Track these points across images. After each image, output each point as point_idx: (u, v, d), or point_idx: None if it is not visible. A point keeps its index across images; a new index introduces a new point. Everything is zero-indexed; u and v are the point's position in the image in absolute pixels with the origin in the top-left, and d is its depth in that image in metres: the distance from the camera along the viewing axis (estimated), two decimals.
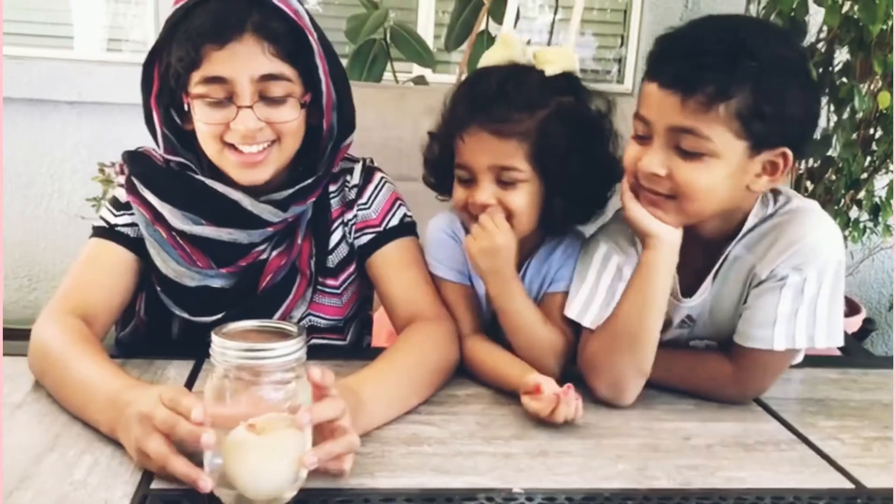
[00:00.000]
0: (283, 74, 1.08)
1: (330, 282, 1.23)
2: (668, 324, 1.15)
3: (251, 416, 0.76)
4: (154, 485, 0.81)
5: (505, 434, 0.98)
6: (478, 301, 1.22)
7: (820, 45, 2.52)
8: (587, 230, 1.23)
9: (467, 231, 1.16)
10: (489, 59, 1.17)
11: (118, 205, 1.17)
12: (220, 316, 1.15)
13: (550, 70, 1.12)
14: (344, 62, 2.52)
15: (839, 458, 0.97)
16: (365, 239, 1.22)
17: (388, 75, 2.57)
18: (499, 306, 1.14)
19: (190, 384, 1.07)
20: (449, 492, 0.84)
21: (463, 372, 1.14)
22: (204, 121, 1.08)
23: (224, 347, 0.76)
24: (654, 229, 1.04)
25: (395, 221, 1.23)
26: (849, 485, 0.91)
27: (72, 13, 3.25)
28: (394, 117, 1.83)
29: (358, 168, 1.23)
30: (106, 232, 1.15)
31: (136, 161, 1.17)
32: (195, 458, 0.78)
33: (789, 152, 1.01)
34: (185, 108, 1.09)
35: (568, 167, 1.10)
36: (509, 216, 1.11)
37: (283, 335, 0.79)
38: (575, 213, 1.16)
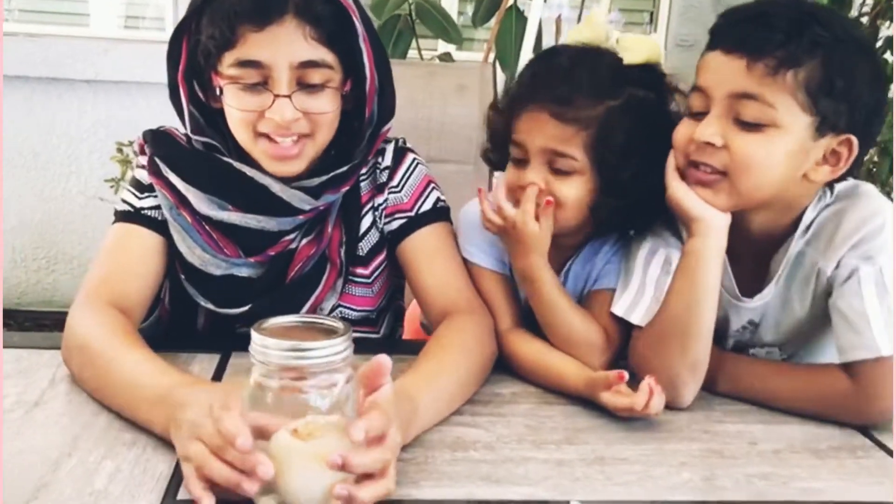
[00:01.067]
0: (324, 61, 1.01)
1: (360, 270, 1.15)
2: (727, 328, 1.08)
3: (295, 417, 0.70)
4: (180, 495, 0.74)
5: (556, 438, 0.90)
6: (516, 292, 1.14)
7: (864, 19, 2.41)
8: None
9: None
10: (573, 37, 1.09)
11: (141, 187, 1.10)
12: (246, 308, 1.08)
13: (630, 58, 1.04)
14: None
15: None
16: (395, 224, 1.14)
17: (412, 53, 2.49)
18: (529, 294, 1.08)
19: (217, 378, 1.00)
20: None
21: (502, 367, 1.07)
22: (236, 106, 1.01)
23: (265, 346, 0.69)
24: (700, 212, 0.96)
25: (427, 206, 1.15)
26: None
27: None
28: (422, 97, 1.76)
29: (390, 149, 1.15)
30: (131, 216, 1.08)
31: (158, 141, 1.10)
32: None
33: (854, 140, 0.93)
34: (216, 90, 1.02)
35: (627, 167, 1.01)
36: (555, 205, 1.03)
37: (328, 332, 0.72)
38: (627, 218, 1.07)
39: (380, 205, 1.14)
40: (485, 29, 2.57)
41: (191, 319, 1.15)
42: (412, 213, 1.14)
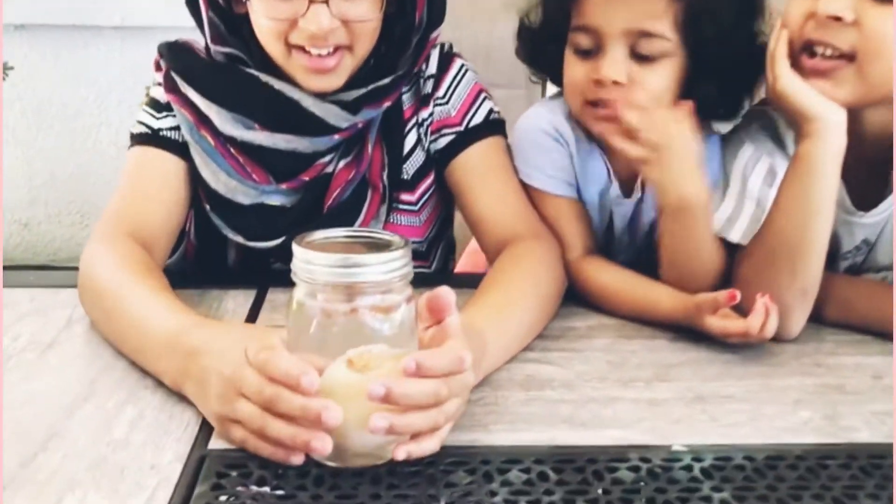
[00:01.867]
0: None
1: (406, 196, 1.02)
2: (838, 248, 0.93)
3: (347, 348, 0.58)
4: (212, 444, 0.63)
5: (645, 375, 0.78)
6: (588, 215, 1.00)
7: None
8: None
9: (582, 130, 0.94)
10: None
11: (158, 106, 0.98)
12: (279, 241, 0.96)
13: None
14: None
15: None
16: (443, 142, 1.00)
17: None
18: (673, 227, 0.88)
19: (254, 315, 0.89)
20: (590, 450, 0.64)
21: (572, 298, 0.94)
22: (266, 15, 0.88)
23: (309, 261, 0.58)
24: (817, 108, 0.80)
25: (478, 119, 1.00)
26: None
27: None
28: (466, 14, 1.62)
29: (435, 54, 1.01)
30: (149, 138, 0.97)
31: (175, 54, 0.98)
32: None
33: None
34: None
35: (727, 40, 0.86)
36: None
37: (383, 247, 0.60)
38: (724, 102, 0.92)
39: (424, 120, 1.00)
40: None
41: (220, 255, 1.03)
42: (461, 128, 1.00)
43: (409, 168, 1.02)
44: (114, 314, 0.79)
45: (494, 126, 1.01)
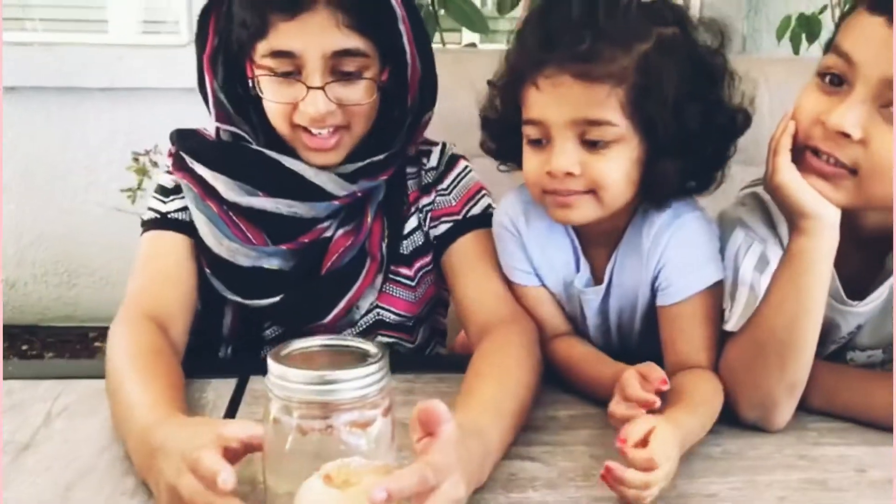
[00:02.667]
0: (359, 50, 0.94)
1: (403, 270, 1.07)
2: (829, 335, 0.93)
3: (323, 462, 0.58)
4: None
5: None
6: (556, 300, 1.01)
7: None
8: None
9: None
10: None
11: (165, 191, 1.05)
12: (277, 299, 1.00)
13: None
14: None
15: None
16: (443, 228, 1.06)
17: (436, 45, 2.38)
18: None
19: (234, 408, 0.89)
20: None
21: (559, 385, 0.94)
22: (271, 98, 0.96)
23: (284, 377, 0.58)
24: (813, 207, 0.80)
25: (476, 210, 1.06)
26: None
27: None
28: (449, 85, 1.63)
29: (436, 150, 1.09)
30: (160, 223, 1.03)
31: (184, 137, 1.06)
32: None
33: None
34: (250, 82, 0.97)
35: (682, 118, 0.84)
36: (596, 189, 0.86)
37: (360, 356, 0.59)
38: (691, 179, 0.90)
39: (425, 206, 1.07)
40: (509, 19, 2.45)
41: (218, 321, 1.06)
42: (460, 217, 1.06)
43: (409, 245, 1.07)
44: (113, 398, 0.83)
45: (490, 220, 1.05)
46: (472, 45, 2.50)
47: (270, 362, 0.59)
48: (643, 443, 0.71)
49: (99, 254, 3.17)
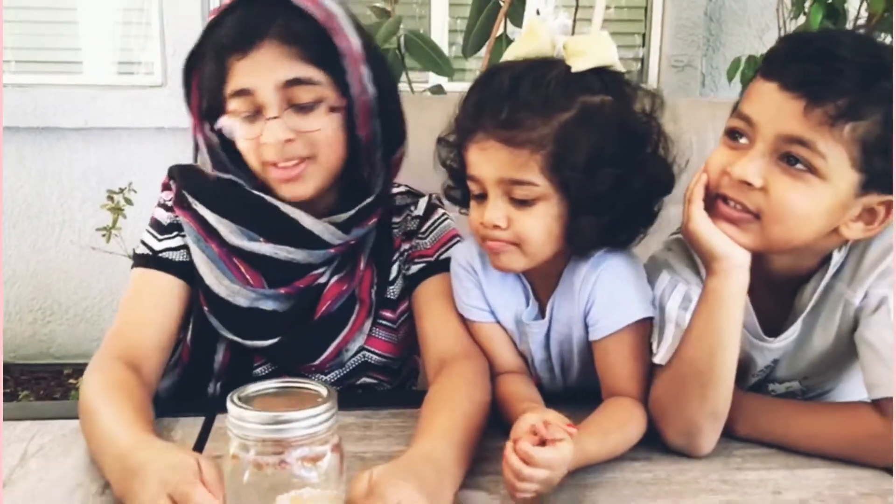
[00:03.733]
0: (311, 78, 1.00)
1: (388, 314, 1.15)
2: (749, 368, 1.01)
3: (278, 494, 0.65)
4: None
5: (563, 497, 0.84)
6: (507, 336, 1.09)
7: (861, 31, 2.38)
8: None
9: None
10: (513, 52, 0.99)
11: (161, 228, 1.10)
12: (275, 340, 1.07)
13: (580, 64, 0.93)
14: None
15: None
16: (415, 268, 1.14)
17: (403, 87, 2.46)
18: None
19: (201, 444, 0.94)
20: None
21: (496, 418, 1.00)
22: (241, 136, 1.02)
23: (241, 419, 0.64)
24: (722, 249, 0.89)
25: (447, 255, 1.13)
26: None
27: (80, 38, 3.17)
28: (413, 129, 1.70)
29: (423, 201, 1.18)
30: (149, 260, 1.08)
31: (186, 175, 1.11)
32: None
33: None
34: (223, 126, 1.03)
35: (595, 180, 0.92)
36: (519, 243, 0.95)
37: (312, 398, 0.66)
38: (611, 233, 0.97)
39: (405, 251, 1.15)
40: (476, 59, 2.53)
41: (210, 357, 1.11)
42: (432, 259, 1.14)
43: (394, 291, 1.15)
44: (89, 432, 0.90)
45: None
46: (439, 86, 2.57)
47: (229, 405, 0.65)
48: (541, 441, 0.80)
49: (73, 291, 3.20)
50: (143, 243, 1.09)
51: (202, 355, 1.11)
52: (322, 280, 1.09)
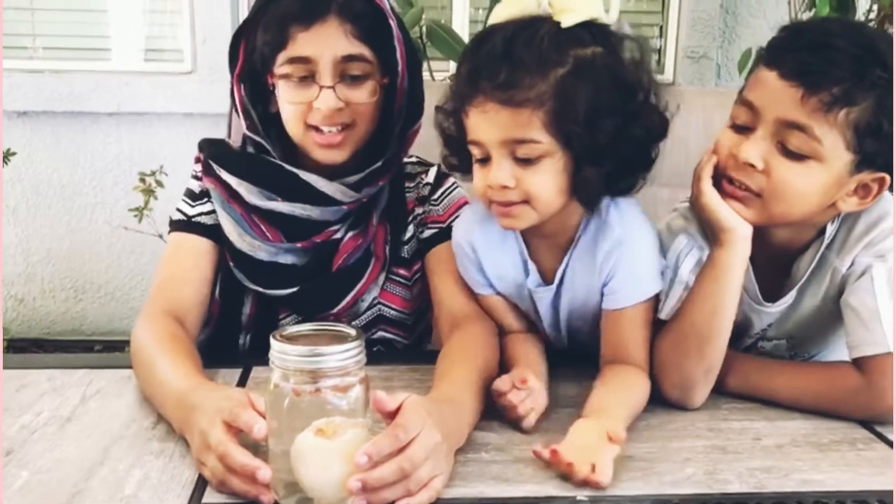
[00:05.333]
0: (364, 56, 1.11)
1: (402, 271, 1.25)
2: (747, 329, 1.11)
3: (312, 420, 0.75)
4: (206, 498, 0.79)
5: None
6: (509, 304, 1.15)
7: (871, 24, 2.44)
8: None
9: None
10: (498, 15, 0.99)
11: (193, 195, 1.21)
12: (294, 290, 1.17)
13: (568, 20, 0.94)
14: None
15: None
16: (428, 233, 1.23)
17: (425, 74, 2.55)
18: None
19: None
20: (509, 501, 0.80)
21: None
22: (288, 100, 1.12)
23: (283, 352, 0.74)
24: (730, 222, 0.98)
25: None
26: None
27: (109, 25, 3.28)
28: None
29: (433, 170, 1.27)
30: (184, 225, 1.19)
31: (211, 145, 1.22)
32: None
33: (888, 178, 0.96)
34: (271, 87, 1.13)
35: (597, 131, 0.94)
36: (529, 200, 0.97)
37: (343, 338, 0.76)
38: (615, 181, 1.00)
39: (419, 215, 1.25)
40: None
41: (238, 310, 1.22)
42: (444, 225, 1.23)
43: (408, 250, 1.25)
44: (147, 377, 1.00)
45: None
46: None
47: (273, 341, 0.75)
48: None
49: (105, 270, 3.32)
50: (179, 210, 1.21)
51: (230, 310, 1.21)
52: (338, 236, 1.19)
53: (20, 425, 0.93)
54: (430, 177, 1.26)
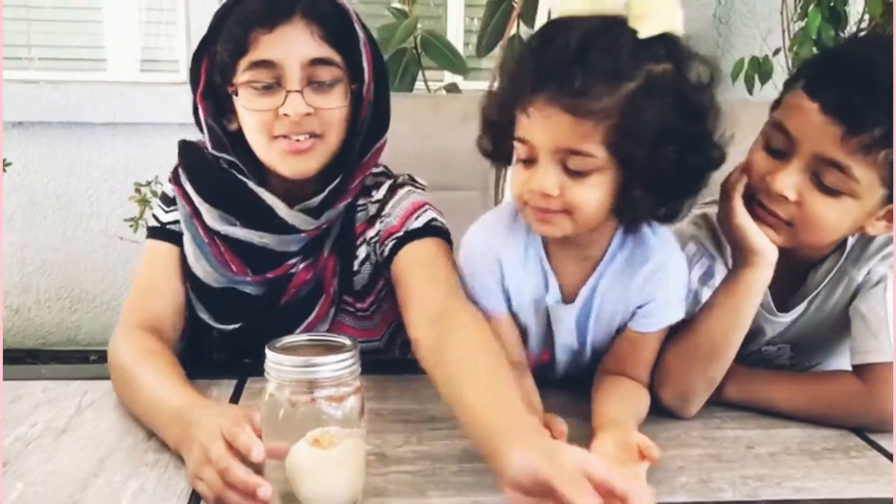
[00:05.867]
0: (332, 59, 1.06)
1: (358, 304, 1.18)
2: (757, 338, 1.11)
3: (308, 430, 0.75)
4: None
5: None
6: (516, 330, 1.06)
7: (862, 34, 2.46)
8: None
9: (531, 240, 1.01)
10: (569, 4, 0.91)
11: (167, 200, 1.17)
12: (238, 326, 1.14)
13: (647, 30, 0.87)
14: None
15: None
16: (387, 248, 1.11)
17: (419, 85, 2.56)
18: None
19: (234, 404, 1.05)
20: None
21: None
22: (251, 108, 1.05)
23: (279, 363, 0.74)
24: (761, 245, 0.97)
25: (418, 224, 1.11)
26: None
27: (105, 36, 3.29)
28: (429, 126, 1.81)
29: (386, 184, 1.16)
30: (159, 232, 1.16)
31: (187, 151, 1.16)
32: None
33: None
34: (233, 96, 1.06)
35: (656, 154, 0.87)
36: (571, 210, 0.91)
37: (336, 348, 0.76)
38: (661, 206, 0.94)
39: (372, 237, 1.14)
40: (490, 58, 2.63)
41: (208, 326, 1.16)
42: (401, 233, 1.10)
43: (359, 281, 1.16)
44: (131, 395, 0.98)
45: (433, 230, 1.10)
46: (454, 84, 2.68)
47: (268, 352, 0.75)
48: None
49: (100, 280, 3.31)
50: (154, 216, 1.17)
51: (199, 325, 1.16)
52: (293, 270, 1.13)
53: (15, 437, 0.93)
54: (381, 193, 1.15)
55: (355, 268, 1.16)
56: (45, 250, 3.28)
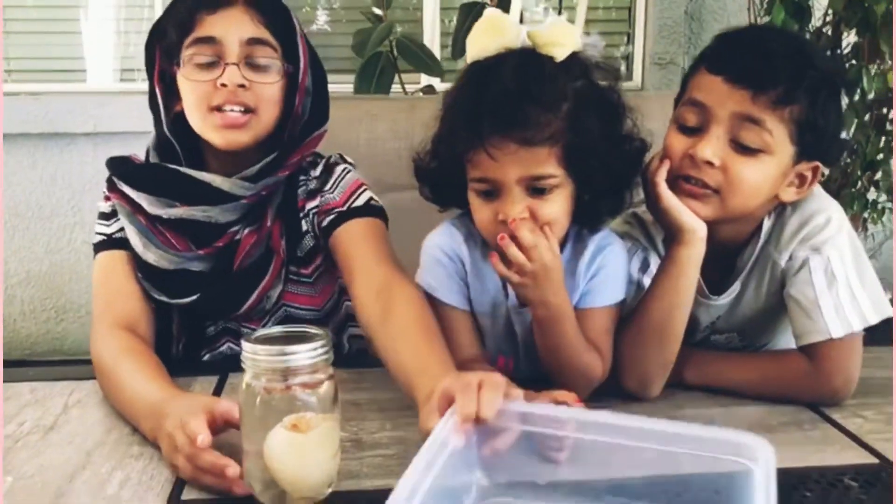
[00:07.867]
0: (269, 41, 1.15)
1: (302, 271, 1.26)
2: (696, 325, 1.16)
3: (284, 416, 0.79)
4: (185, 496, 0.83)
5: None
6: (473, 325, 1.12)
7: (826, 28, 2.52)
8: None
9: (487, 248, 1.06)
10: (480, 47, 0.99)
11: (105, 216, 1.24)
12: (196, 297, 1.19)
13: (561, 53, 0.97)
14: (352, 77, 2.54)
15: (863, 434, 0.97)
16: (328, 220, 1.21)
17: (396, 87, 2.60)
18: (545, 332, 1.03)
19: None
20: None
21: None
22: (192, 78, 1.14)
23: (255, 353, 0.78)
24: (690, 223, 1.02)
25: (359, 202, 1.22)
26: (873, 459, 0.91)
27: (84, 47, 3.31)
28: (405, 128, 1.84)
29: (322, 163, 1.26)
30: (108, 243, 1.22)
31: (115, 164, 1.24)
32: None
33: (821, 166, 1.04)
34: (177, 74, 1.15)
35: (599, 159, 0.98)
36: (544, 227, 0.98)
37: (309, 338, 0.80)
38: (607, 203, 1.05)
39: (311, 209, 1.23)
40: (464, 60, 2.66)
41: (168, 320, 1.24)
42: (343, 209, 1.21)
43: (303, 248, 1.25)
44: (115, 393, 1.04)
45: (373, 210, 1.22)
46: (430, 86, 2.71)
47: (244, 343, 0.79)
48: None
49: (85, 290, 3.32)
50: (98, 233, 1.23)
51: (160, 321, 1.22)
52: (238, 237, 1.19)
53: (4, 435, 0.97)
54: (318, 170, 1.25)
55: (299, 237, 1.24)
56: (28, 261, 3.29)
